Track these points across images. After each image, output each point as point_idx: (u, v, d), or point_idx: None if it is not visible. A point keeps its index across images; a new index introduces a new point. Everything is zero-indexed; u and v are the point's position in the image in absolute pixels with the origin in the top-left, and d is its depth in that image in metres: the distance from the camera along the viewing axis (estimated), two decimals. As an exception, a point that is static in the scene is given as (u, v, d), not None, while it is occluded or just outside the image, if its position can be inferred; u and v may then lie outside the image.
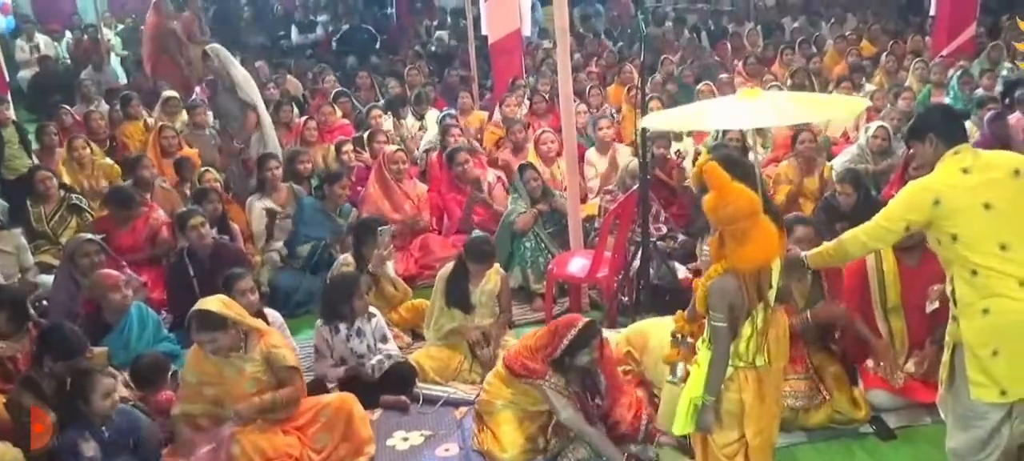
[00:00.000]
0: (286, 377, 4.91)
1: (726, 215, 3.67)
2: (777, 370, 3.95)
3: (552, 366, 4.79)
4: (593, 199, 8.57)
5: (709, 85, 11.17)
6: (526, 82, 12.27)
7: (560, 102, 7.00)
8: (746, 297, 3.74)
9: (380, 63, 15.98)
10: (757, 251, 3.70)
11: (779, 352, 3.92)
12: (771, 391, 3.94)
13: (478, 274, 5.99)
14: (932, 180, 3.98)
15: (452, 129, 9.53)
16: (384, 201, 8.07)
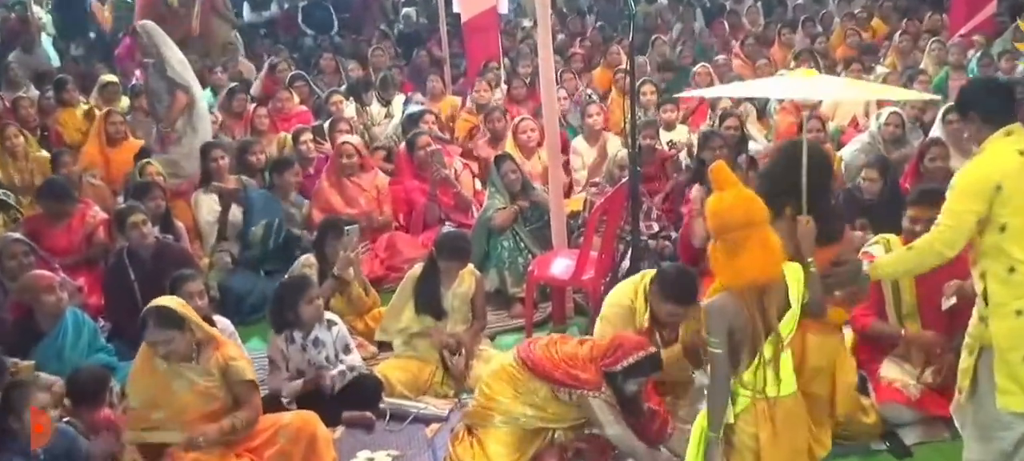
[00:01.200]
0: (243, 394, 4.88)
1: (717, 222, 3.65)
2: (795, 402, 3.86)
3: (606, 379, 4.75)
4: (578, 193, 8.58)
5: (706, 68, 11.20)
6: (503, 64, 12.25)
7: (541, 86, 6.99)
8: (749, 320, 3.64)
9: (342, 43, 15.91)
10: (749, 266, 3.61)
11: (803, 378, 3.87)
12: (790, 425, 3.84)
13: (451, 275, 5.98)
14: (988, 164, 3.98)
15: (426, 117, 9.50)
16: (335, 196, 8.08)
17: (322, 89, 11.69)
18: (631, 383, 4.74)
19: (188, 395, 4.82)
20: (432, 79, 11.37)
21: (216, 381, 4.85)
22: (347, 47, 15.31)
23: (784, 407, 3.80)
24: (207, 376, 4.85)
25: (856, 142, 8.79)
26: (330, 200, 8.07)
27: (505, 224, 7.18)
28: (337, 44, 15.71)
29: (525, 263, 7.04)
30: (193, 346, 4.86)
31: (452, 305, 5.97)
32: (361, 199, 8.15)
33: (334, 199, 8.09)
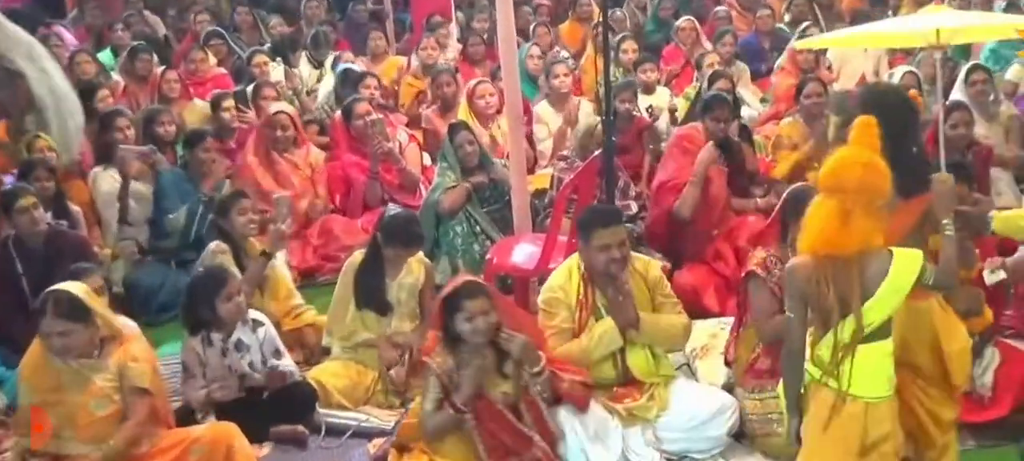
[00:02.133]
0: (131, 402, 4.85)
1: (830, 176, 3.87)
2: (866, 409, 3.95)
3: (442, 346, 4.93)
4: (544, 168, 8.58)
5: (691, 21, 11.24)
6: (455, 19, 12.23)
7: (499, 44, 6.98)
8: (819, 291, 3.84)
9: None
10: (808, 231, 3.89)
11: (877, 381, 3.95)
12: (844, 428, 3.94)
13: (397, 263, 5.97)
14: None
15: (366, 81, 9.45)
16: (264, 175, 8.03)
17: (241, 47, 11.61)
18: (460, 323, 4.87)
19: (81, 396, 4.81)
20: (373, 36, 11.34)
21: (114, 382, 4.85)
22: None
23: (845, 406, 3.93)
24: (105, 376, 4.84)
25: (865, 107, 8.84)
26: (258, 180, 7.99)
27: (455, 207, 7.17)
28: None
29: (482, 250, 7.05)
30: (96, 343, 4.84)
31: (397, 298, 5.97)
32: (294, 179, 8.11)
33: (263, 179, 8.02)
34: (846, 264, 3.84)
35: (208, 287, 5.59)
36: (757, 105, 10.03)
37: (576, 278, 5.28)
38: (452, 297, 4.93)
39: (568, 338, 5.22)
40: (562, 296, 5.26)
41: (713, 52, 10.21)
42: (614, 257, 5.13)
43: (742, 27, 12.19)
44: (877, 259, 3.88)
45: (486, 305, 4.90)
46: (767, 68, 10.89)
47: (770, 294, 5.10)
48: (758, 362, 5.21)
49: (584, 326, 5.22)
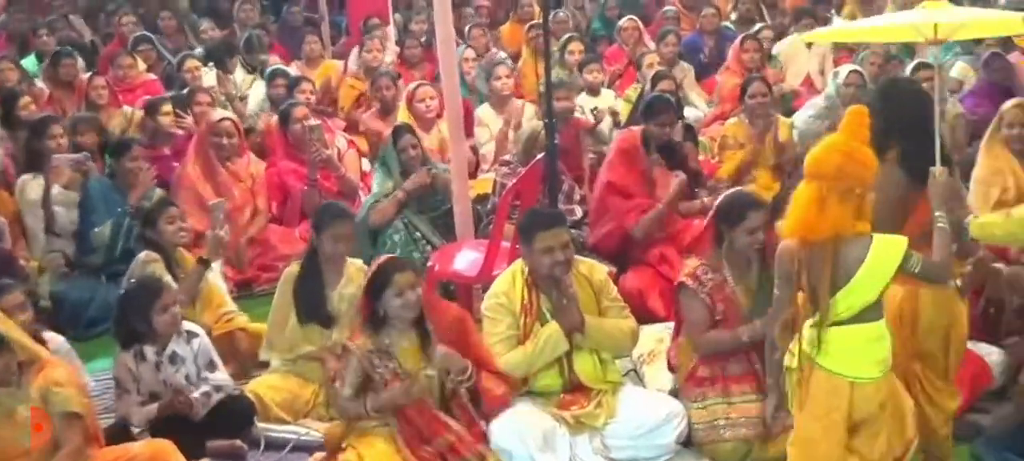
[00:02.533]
0: (62, 429, 4.76)
1: (814, 163, 4.05)
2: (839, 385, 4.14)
3: (364, 329, 5.05)
4: (485, 172, 8.60)
5: (634, 21, 11.31)
6: (393, 21, 12.23)
7: (438, 47, 6.99)
8: (796, 274, 4.13)
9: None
10: (790, 215, 4.09)
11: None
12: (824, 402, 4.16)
13: (336, 269, 5.93)
14: None
15: (302, 85, 9.43)
16: (205, 186, 7.94)
17: (171, 52, 11.52)
18: (389, 300, 4.99)
19: (6, 429, 4.71)
20: (308, 40, 11.31)
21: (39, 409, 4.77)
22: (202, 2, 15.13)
23: (826, 380, 4.14)
24: (29, 405, 4.74)
25: (810, 107, 8.96)
26: (199, 191, 7.88)
27: (385, 219, 7.18)
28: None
29: (422, 257, 7.04)
30: (13, 369, 4.76)
31: (339, 309, 5.93)
32: (235, 190, 8.04)
33: (205, 190, 7.90)
34: (821, 249, 4.03)
35: (142, 299, 5.53)
36: (702, 105, 10.11)
37: (520, 283, 5.29)
38: (380, 274, 5.03)
39: (513, 345, 5.23)
40: (506, 302, 5.27)
41: (655, 52, 10.28)
42: (558, 260, 5.15)
43: (686, 26, 12.30)
44: (856, 245, 4.05)
45: (414, 279, 5.05)
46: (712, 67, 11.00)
47: (702, 305, 5.17)
48: (698, 370, 5.24)
49: (529, 332, 5.23)
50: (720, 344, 5.16)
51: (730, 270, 5.24)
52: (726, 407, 5.11)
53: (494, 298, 5.33)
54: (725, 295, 5.19)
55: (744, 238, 5.14)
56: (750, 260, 5.25)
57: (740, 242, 5.16)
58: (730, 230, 5.18)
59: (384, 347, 5.06)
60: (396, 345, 5.08)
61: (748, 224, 5.15)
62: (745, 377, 5.15)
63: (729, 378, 5.15)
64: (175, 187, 8.00)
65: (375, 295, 5.05)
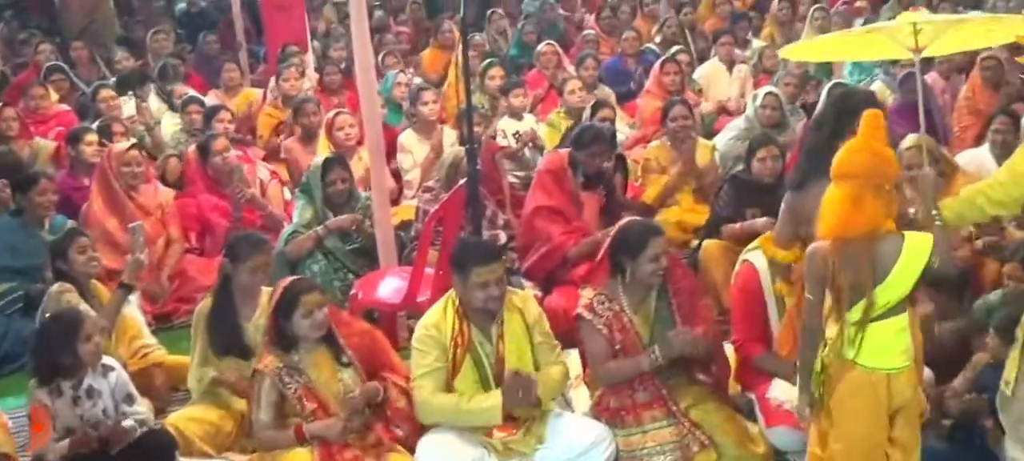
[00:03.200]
0: None
1: (840, 164, 4.22)
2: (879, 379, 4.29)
3: (271, 350, 5.12)
4: (409, 199, 8.59)
5: (552, 46, 11.39)
6: (311, 48, 12.20)
7: (357, 74, 6.99)
8: (833, 274, 4.23)
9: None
10: (824, 218, 4.25)
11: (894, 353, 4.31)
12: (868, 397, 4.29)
13: (251, 300, 5.86)
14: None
15: (220, 115, 9.36)
16: (110, 218, 7.79)
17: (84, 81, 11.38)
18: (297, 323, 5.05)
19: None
20: (226, 68, 11.23)
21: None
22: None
23: (866, 377, 4.28)
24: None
25: (731, 129, 9.10)
26: (104, 225, 7.73)
27: (301, 253, 7.16)
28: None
29: (343, 285, 7.02)
30: None
31: (255, 340, 5.86)
32: (146, 223, 7.90)
33: (109, 222, 7.76)
34: (859, 247, 4.19)
35: (63, 330, 5.39)
36: (624, 129, 10.20)
37: (451, 314, 5.25)
38: (286, 296, 5.08)
39: (440, 378, 5.19)
40: (436, 334, 5.23)
41: (576, 76, 10.34)
42: (492, 294, 5.13)
43: (605, 51, 12.41)
44: (889, 242, 4.23)
45: (321, 299, 5.11)
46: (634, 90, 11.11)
47: (600, 336, 5.20)
48: (605, 399, 5.29)
49: (460, 363, 5.20)
50: (620, 374, 5.19)
51: (627, 300, 5.28)
52: (642, 437, 5.14)
53: (424, 330, 5.28)
54: (622, 325, 5.23)
55: (648, 266, 5.17)
56: (649, 288, 5.29)
57: (644, 271, 5.18)
58: (632, 260, 5.20)
59: (294, 364, 5.09)
60: (306, 361, 5.11)
61: (651, 252, 5.18)
62: (655, 402, 5.18)
63: (639, 406, 5.19)
64: (82, 224, 7.81)
65: (282, 317, 5.08)
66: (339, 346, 5.21)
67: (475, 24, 13.42)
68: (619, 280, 5.28)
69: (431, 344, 5.22)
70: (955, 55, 10.07)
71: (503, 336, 5.24)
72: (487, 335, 5.24)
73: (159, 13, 15.66)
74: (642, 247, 5.17)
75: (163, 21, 14.82)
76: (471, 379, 5.21)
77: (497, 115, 9.82)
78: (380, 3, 15.53)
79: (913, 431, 4.47)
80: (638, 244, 5.19)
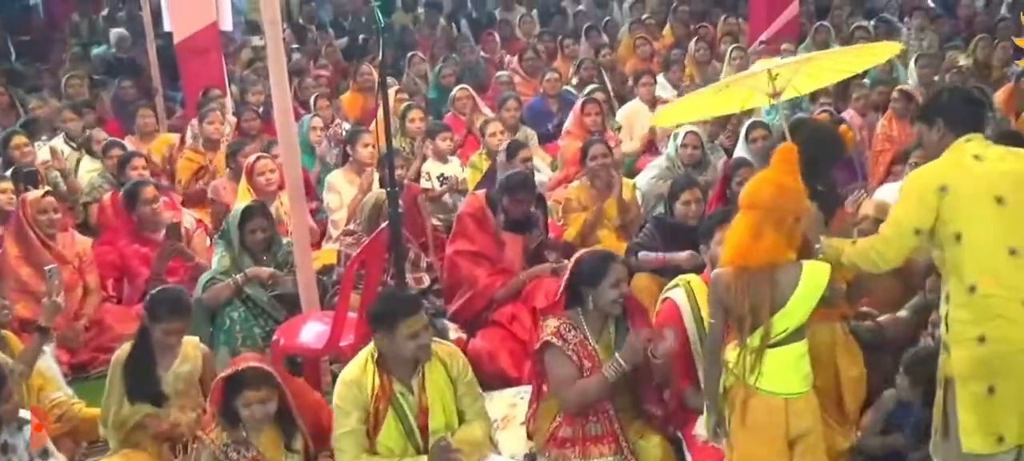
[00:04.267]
0: None
1: (748, 194, 4.44)
2: (780, 404, 4.50)
3: (218, 423, 5.07)
4: (331, 243, 8.56)
5: (466, 90, 11.43)
6: (229, 92, 12.16)
7: (276, 117, 6.97)
8: (736, 302, 4.44)
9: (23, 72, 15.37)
10: (727, 245, 4.48)
11: (792, 379, 4.51)
12: (764, 423, 4.49)
13: (168, 347, 5.81)
14: (935, 166, 4.41)
15: (133, 161, 9.28)
16: (25, 267, 7.65)
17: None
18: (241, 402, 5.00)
19: None
20: (140, 114, 11.10)
21: None
22: (29, 76, 14.82)
23: (763, 402, 4.48)
24: None
25: (653, 168, 9.18)
26: (18, 275, 7.61)
27: (218, 301, 7.08)
28: (16, 73, 15.16)
29: (264, 332, 6.96)
30: None
31: (175, 389, 5.79)
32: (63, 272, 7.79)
33: (22, 271, 7.63)
34: (758, 276, 4.39)
35: None
36: (546, 169, 10.26)
37: (371, 368, 5.22)
38: (234, 380, 5.00)
39: (360, 438, 5.16)
40: (357, 392, 5.18)
41: (496, 119, 10.39)
42: (423, 343, 5.12)
43: (527, 92, 12.49)
44: (788, 271, 4.43)
45: (267, 394, 5.01)
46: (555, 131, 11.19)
47: (569, 362, 5.23)
48: (559, 430, 5.31)
49: (382, 417, 5.16)
50: (589, 391, 5.21)
51: (588, 328, 5.33)
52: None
53: (344, 387, 5.24)
54: (588, 352, 5.28)
55: (610, 293, 5.24)
56: (607, 317, 5.35)
57: (606, 298, 5.26)
58: (593, 288, 5.27)
59: (241, 439, 5.03)
60: (254, 435, 5.05)
61: (611, 278, 5.26)
62: (605, 438, 5.24)
63: (588, 439, 5.23)
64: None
65: (229, 398, 5.02)
66: (292, 427, 5.16)
67: (393, 66, 13.45)
68: (579, 311, 5.34)
69: (351, 403, 5.18)
70: (871, 92, 10.35)
71: (425, 387, 5.22)
72: (408, 386, 5.22)
73: (75, 58, 15.46)
74: (603, 274, 5.25)
75: (79, 65, 14.65)
76: (395, 432, 5.18)
77: (418, 158, 9.83)
78: (298, 46, 15.50)
79: (820, 456, 4.61)
80: (599, 272, 5.27)
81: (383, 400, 5.17)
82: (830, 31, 13.80)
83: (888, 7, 16.90)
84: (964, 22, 15.00)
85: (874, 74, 11.37)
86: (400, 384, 5.22)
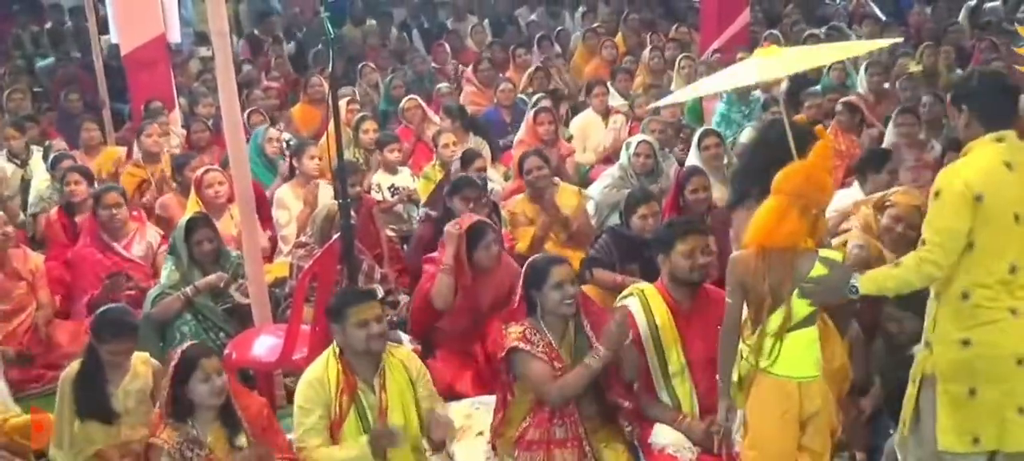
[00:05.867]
0: None
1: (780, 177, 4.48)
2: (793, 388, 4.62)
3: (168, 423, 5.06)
4: (283, 256, 8.54)
5: (415, 100, 11.42)
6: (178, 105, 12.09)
7: (226, 130, 6.94)
8: (756, 283, 4.54)
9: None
10: (753, 226, 4.53)
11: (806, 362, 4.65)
12: (779, 406, 4.62)
13: (118, 365, 5.77)
14: (971, 172, 4.31)
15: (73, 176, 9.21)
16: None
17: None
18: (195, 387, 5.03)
19: None
20: (85, 128, 10.96)
21: None
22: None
23: (775, 385, 4.62)
24: None
25: (606, 177, 9.21)
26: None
27: (167, 315, 7.06)
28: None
29: (217, 345, 6.92)
30: None
31: (125, 406, 5.75)
32: (15, 291, 7.72)
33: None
34: (780, 258, 4.50)
35: None
36: (500, 180, 10.28)
37: (334, 365, 5.26)
38: (185, 362, 5.05)
39: (322, 433, 5.19)
40: (319, 389, 5.23)
41: (449, 129, 10.41)
42: (373, 332, 5.18)
43: (481, 102, 12.52)
44: (806, 258, 4.52)
45: (219, 364, 5.13)
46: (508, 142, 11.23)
47: (540, 362, 5.26)
48: (527, 433, 5.34)
49: (346, 412, 5.22)
50: (572, 384, 5.23)
51: (549, 333, 5.36)
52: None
53: (307, 386, 5.28)
54: (556, 354, 5.31)
55: (553, 294, 5.27)
56: (565, 322, 5.39)
57: (551, 300, 5.30)
58: (538, 292, 5.32)
59: (193, 437, 5.03)
60: (204, 434, 5.06)
61: (553, 279, 5.30)
62: (569, 442, 5.27)
63: (553, 443, 5.26)
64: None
65: (180, 382, 5.02)
66: (236, 422, 5.17)
67: (344, 77, 13.45)
68: (537, 316, 5.38)
69: (314, 401, 5.22)
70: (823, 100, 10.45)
71: (385, 387, 5.26)
72: (370, 386, 5.26)
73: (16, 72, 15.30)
74: (545, 277, 5.31)
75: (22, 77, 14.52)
76: (355, 431, 5.23)
77: (372, 169, 9.83)
78: (248, 58, 15.45)
79: (823, 439, 4.73)
80: (541, 274, 5.33)
81: (347, 394, 5.21)
82: (780, 39, 13.92)
83: (837, 15, 17.13)
84: (914, 29, 15.18)
85: (826, 81, 11.50)
86: (362, 383, 5.26)
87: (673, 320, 5.57)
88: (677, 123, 10.60)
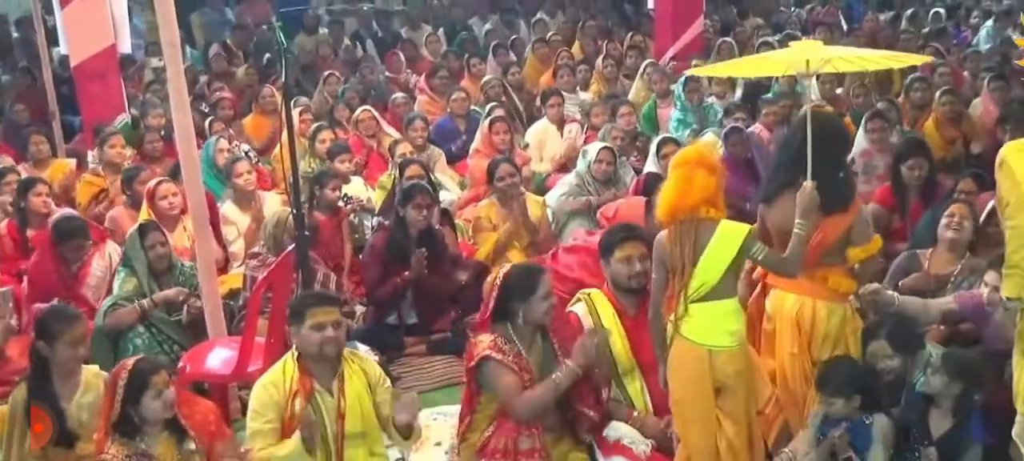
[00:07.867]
0: None
1: (675, 158, 5.07)
2: (700, 353, 4.97)
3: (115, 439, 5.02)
4: (236, 268, 8.50)
5: (368, 111, 11.42)
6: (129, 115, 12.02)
7: (177, 140, 6.89)
8: (671, 253, 4.95)
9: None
10: (660, 202, 5.03)
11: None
12: (689, 370, 5.00)
13: (71, 379, 5.68)
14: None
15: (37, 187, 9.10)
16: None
17: None
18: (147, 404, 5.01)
19: None
20: (33, 141, 10.83)
21: None
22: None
23: (687, 348, 4.99)
24: None
25: (563, 185, 9.24)
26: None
27: (120, 326, 7.02)
28: None
29: (171, 358, 6.89)
30: None
31: (79, 420, 5.68)
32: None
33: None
34: (685, 228, 4.90)
35: None
36: (455, 188, 10.28)
37: (291, 369, 5.24)
38: (135, 377, 4.99)
39: (269, 437, 5.16)
40: (273, 391, 5.21)
41: (404, 140, 10.41)
42: (329, 335, 5.18)
43: (436, 111, 12.51)
44: (709, 227, 4.90)
45: (168, 377, 5.09)
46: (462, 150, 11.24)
47: (510, 372, 5.25)
48: (491, 442, 5.34)
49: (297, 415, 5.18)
50: (539, 399, 5.24)
51: (520, 343, 5.36)
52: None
53: (262, 389, 5.26)
54: (525, 365, 5.31)
55: (541, 305, 5.31)
56: (535, 331, 5.40)
57: (538, 310, 5.32)
58: (524, 302, 5.31)
59: (142, 451, 4.99)
60: (153, 446, 5.02)
61: (542, 290, 5.33)
62: (534, 453, 5.26)
63: (519, 453, 5.25)
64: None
65: (131, 401, 4.96)
66: (182, 429, 5.13)
67: (297, 87, 13.41)
68: (508, 326, 5.36)
69: (267, 404, 5.20)
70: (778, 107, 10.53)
71: (343, 391, 5.25)
72: (328, 389, 5.25)
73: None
74: (533, 288, 5.32)
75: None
76: None
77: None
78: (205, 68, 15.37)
79: (741, 405, 5.04)
80: (529, 285, 5.33)
81: (301, 396, 5.18)
82: (734, 47, 14.02)
83: (790, 23, 17.26)
84: (868, 37, 15.31)
85: (778, 89, 11.57)
86: (319, 385, 5.25)
87: (620, 321, 5.76)
88: (634, 132, 10.64)
